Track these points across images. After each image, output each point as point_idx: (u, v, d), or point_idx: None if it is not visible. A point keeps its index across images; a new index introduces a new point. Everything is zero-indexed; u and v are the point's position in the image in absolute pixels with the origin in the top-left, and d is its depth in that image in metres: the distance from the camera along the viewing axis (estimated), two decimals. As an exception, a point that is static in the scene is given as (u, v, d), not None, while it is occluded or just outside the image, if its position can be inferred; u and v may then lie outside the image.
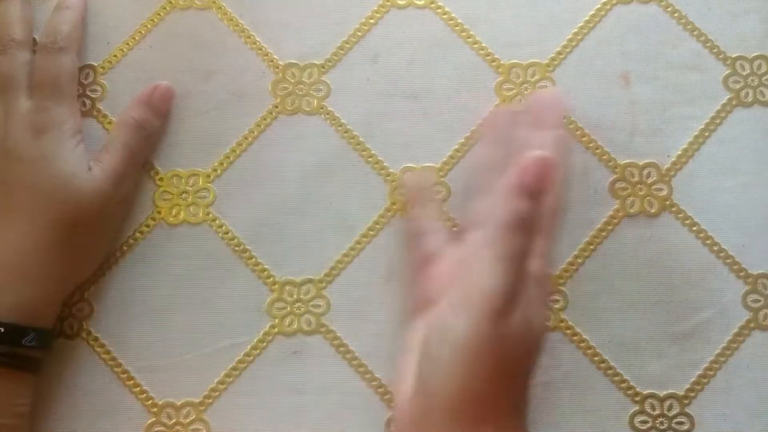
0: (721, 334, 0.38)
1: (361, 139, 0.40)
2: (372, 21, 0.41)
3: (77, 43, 0.39)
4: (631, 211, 0.39)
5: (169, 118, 0.40)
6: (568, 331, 0.38)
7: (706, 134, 0.40)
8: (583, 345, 0.38)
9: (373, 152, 0.40)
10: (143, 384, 0.38)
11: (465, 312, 0.31)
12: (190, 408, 0.38)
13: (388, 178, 0.39)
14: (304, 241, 0.39)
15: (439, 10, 0.42)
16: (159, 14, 0.41)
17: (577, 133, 0.40)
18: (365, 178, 0.40)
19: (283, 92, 0.41)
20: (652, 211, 0.40)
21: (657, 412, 0.38)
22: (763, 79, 0.41)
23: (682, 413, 0.38)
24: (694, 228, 0.39)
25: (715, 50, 0.41)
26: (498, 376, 0.31)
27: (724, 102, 0.41)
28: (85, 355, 0.38)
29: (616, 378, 0.38)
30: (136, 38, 0.41)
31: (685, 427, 0.37)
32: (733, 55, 0.41)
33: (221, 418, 0.38)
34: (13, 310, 0.34)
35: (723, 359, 0.38)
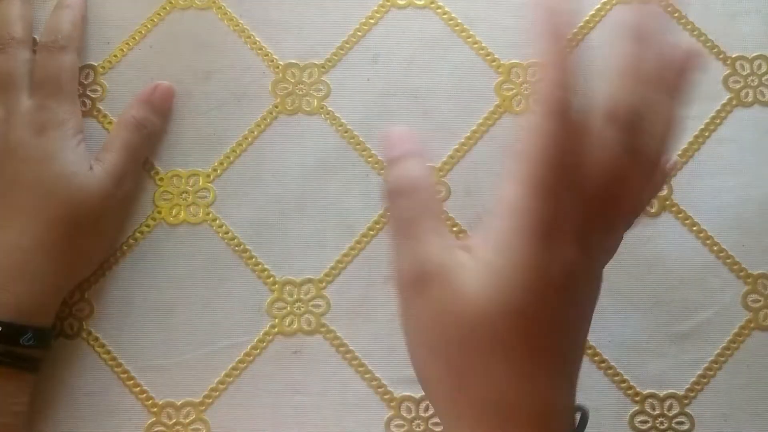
0: (721, 334, 0.38)
1: (361, 139, 0.40)
2: (372, 21, 0.41)
3: (78, 42, 0.39)
4: (631, 211, 0.39)
5: (170, 118, 0.40)
6: (568, 331, 0.38)
7: (706, 134, 0.40)
8: (583, 345, 0.38)
9: (373, 152, 0.40)
10: (143, 384, 0.38)
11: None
12: (190, 408, 0.38)
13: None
14: (304, 241, 0.39)
15: (438, 10, 0.42)
16: (159, 14, 0.41)
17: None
18: (365, 178, 0.40)
19: (283, 92, 0.41)
20: (652, 211, 0.40)
21: (657, 412, 0.38)
22: (763, 79, 0.41)
23: (682, 413, 0.38)
24: (694, 228, 0.39)
25: (715, 50, 0.41)
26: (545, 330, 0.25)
27: (724, 102, 0.41)
28: (85, 355, 0.38)
29: (616, 378, 0.38)
30: (136, 38, 0.41)
31: (685, 427, 0.37)
32: (733, 55, 0.41)
33: (221, 418, 0.38)
34: (11, 309, 0.34)
35: (723, 359, 0.38)
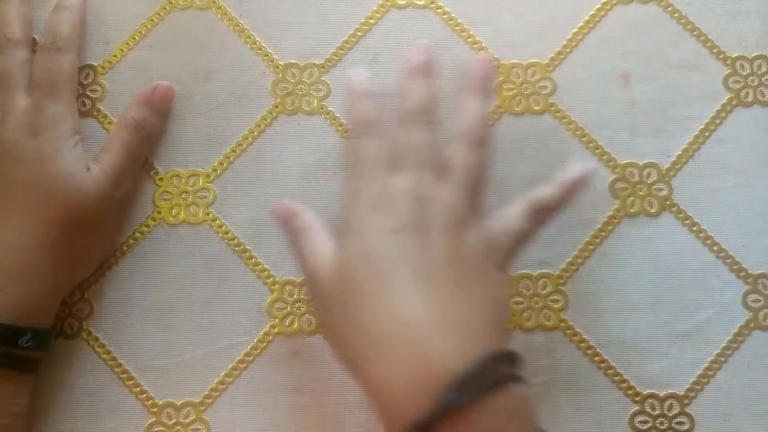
0: (721, 334, 0.38)
1: (361, 139, 0.40)
2: (372, 21, 0.41)
3: (77, 43, 0.39)
4: (631, 211, 0.39)
5: (169, 118, 0.40)
6: (568, 331, 0.38)
7: (706, 134, 0.40)
8: (583, 345, 0.38)
9: (373, 152, 0.40)
10: (143, 384, 0.38)
11: None
12: (190, 408, 0.38)
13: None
14: (304, 241, 0.39)
15: (439, 10, 0.42)
16: (159, 14, 0.41)
17: (577, 133, 0.40)
18: (365, 178, 0.40)
19: (283, 92, 0.41)
20: (652, 211, 0.40)
21: (657, 412, 0.38)
22: (763, 79, 0.41)
23: (682, 413, 0.38)
24: (694, 228, 0.39)
25: (715, 50, 0.41)
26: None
27: (724, 102, 0.41)
28: (85, 355, 0.38)
29: (616, 378, 0.38)
30: (136, 38, 0.41)
31: (685, 427, 0.37)
32: (733, 55, 0.41)
33: (221, 418, 0.38)
34: (10, 311, 0.34)
35: (723, 359, 0.38)
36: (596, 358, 0.38)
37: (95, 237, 0.38)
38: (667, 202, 0.40)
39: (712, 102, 0.41)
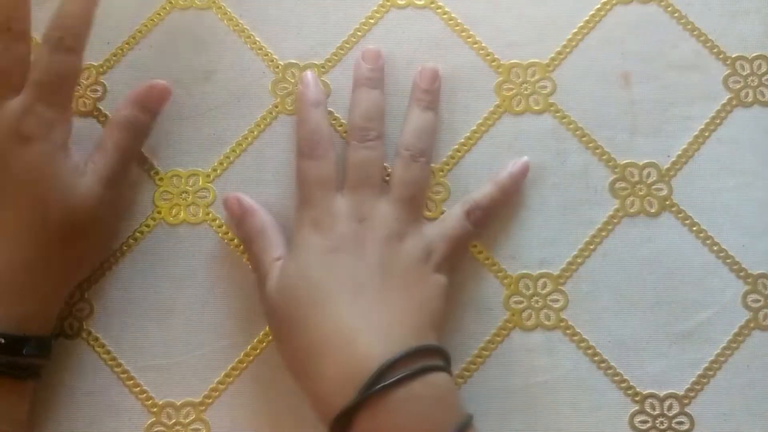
0: (721, 334, 0.38)
1: (361, 139, 0.40)
2: (372, 21, 0.41)
3: (85, 44, 0.36)
4: (631, 211, 0.39)
5: (170, 118, 0.40)
6: (568, 331, 0.38)
7: (706, 134, 0.40)
8: (583, 345, 0.38)
9: (373, 152, 0.40)
10: (143, 384, 0.38)
11: None
12: (190, 408, 0.38)
13: (388, 178, 0.39)
14: (304, 241, 0.39)
15: (439, 10, 0.42)
16: (159, 14, 0.41)
17: (577, 133, 0.40)
18: (365, 178, 0.40)
19: (283, 92, 0.41)
20: (652, 211, 0.40)
21: (657, 412, 0.38)
22: (763, 79, 0.41)
23: (682, 413, 0.38)
24: (694, 228, 0.39)
25: (715, 50, 0.41)
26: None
27: (724, 102, 0.41)
28: (85, 355, 0.38)
29: (616, 378, 0.38)
30: (136, 38, 0.41)
31: (685, 427, 0.37)
32: (733, 55, 0.41)
33: (221, 418, 0.38)
34: (12, 321, 0.34)
35: (723, 359, 0.38)
36: (596, 358, 0.38)
37: (92, 240, 0.37)
38: (667, 202, 0.40)
39: (712, 102, 0.41)
